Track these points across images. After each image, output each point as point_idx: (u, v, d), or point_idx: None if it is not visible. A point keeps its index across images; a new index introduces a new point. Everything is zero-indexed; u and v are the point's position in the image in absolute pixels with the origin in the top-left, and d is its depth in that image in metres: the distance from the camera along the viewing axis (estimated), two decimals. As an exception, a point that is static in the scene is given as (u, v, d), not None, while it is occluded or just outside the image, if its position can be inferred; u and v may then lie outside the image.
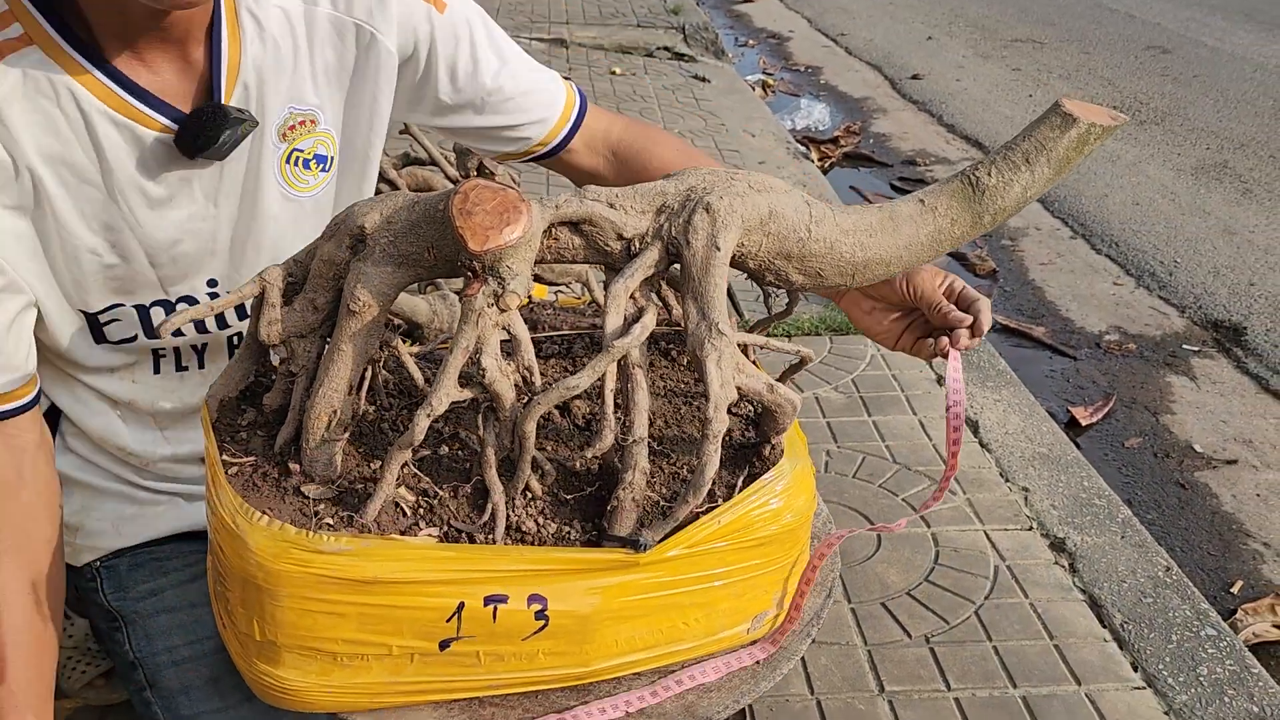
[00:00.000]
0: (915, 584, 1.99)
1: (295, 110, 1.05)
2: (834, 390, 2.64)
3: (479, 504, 0.85)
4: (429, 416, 0.79)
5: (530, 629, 0.81)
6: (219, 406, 0.92)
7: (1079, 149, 0.87)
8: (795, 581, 0.94)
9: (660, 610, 0.85)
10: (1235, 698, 1.77)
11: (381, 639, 0.80)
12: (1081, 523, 2.19)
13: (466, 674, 0.83)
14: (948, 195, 0.89)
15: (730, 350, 0.81)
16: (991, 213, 0.89)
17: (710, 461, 0.79)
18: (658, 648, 0.86)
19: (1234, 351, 3.30)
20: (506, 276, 0.80)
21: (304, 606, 0.78)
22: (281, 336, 0.89)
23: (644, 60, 5.80)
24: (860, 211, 0.89)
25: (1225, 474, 2.70)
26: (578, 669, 0.85)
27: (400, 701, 0.84)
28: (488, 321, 0.80)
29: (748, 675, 0.89)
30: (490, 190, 0.80)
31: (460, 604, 0.79)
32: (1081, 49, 6.80)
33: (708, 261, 0.82)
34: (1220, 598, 2.26)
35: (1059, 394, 3.08)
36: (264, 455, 0.89)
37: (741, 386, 0.83)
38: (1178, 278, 3.75)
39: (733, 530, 0.84)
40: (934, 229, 0.89)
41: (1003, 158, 0.88)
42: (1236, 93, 5.78)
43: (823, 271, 0.89)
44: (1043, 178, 0.88)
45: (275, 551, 0.77)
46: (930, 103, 5.74)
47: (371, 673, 0.81)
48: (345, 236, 0.87)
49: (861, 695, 1.75)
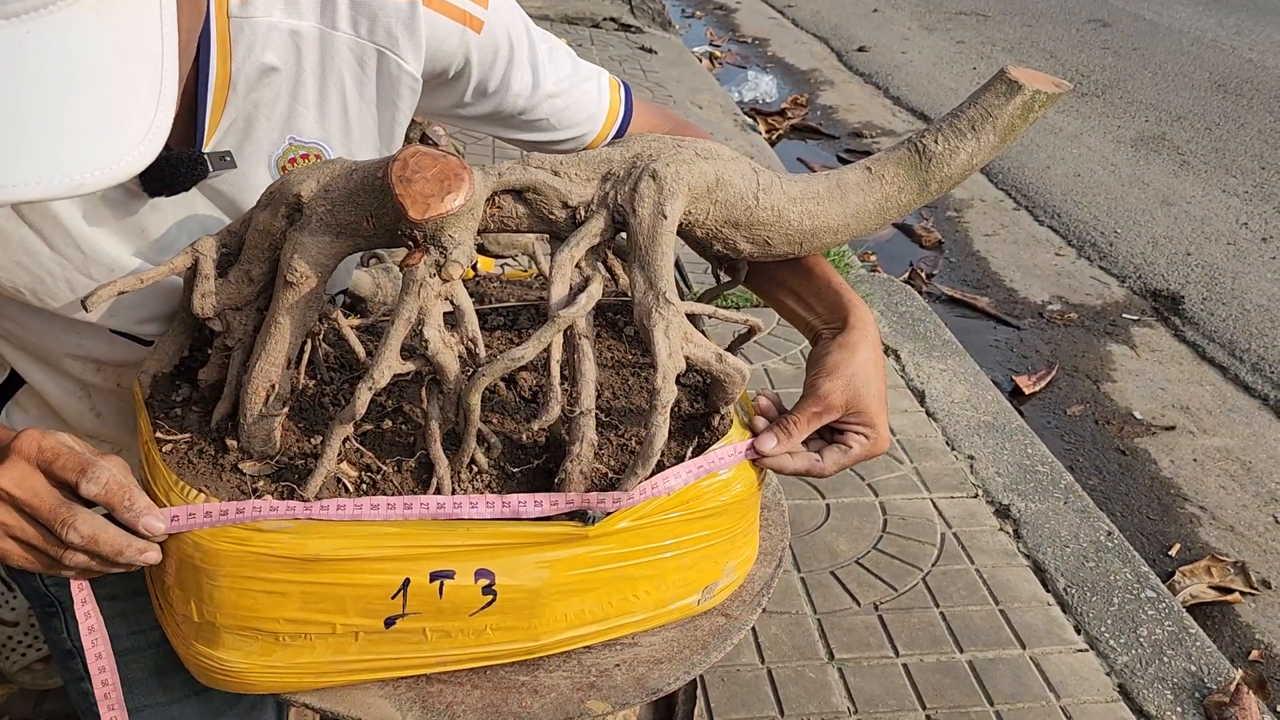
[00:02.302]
0: (864, 552, 2.01)
1: (296, 142, 0.95)
2: (783, 361, 2.65)
3: (424, 479, 0.83)
4: (370, 390, 0.76)
5: (478, 604, 0.80)
6: (151, 382, 0.89)
7: (1024, 116, 0.87)
8: (746, 551, 0.94)
9: (610, 583, 0.84)
10: (1174, 658, 1.81)
11: (325, 617, 0.77)
12: (1025, 489, 2.23)
13: (413, 651, 0.81)
14: (894, 163, 0.88)
15: (678, 320, 0.80)
16: (938, 180, 0.88)
17: (659, 432, 0.77)
18: (607, 620, 0.85)
19: (1172, 320, 3.36)
20: (449, 246, 0.78)
21: (243, 586, 0.76)
22: (216, 309, 0.85)
23: (590, 31, 5.74)
24: (808, 180, 0.88)
25: (1164, 440, 2.76)
26: (526, 643, 0.83)
27: (345, 680, 0.82)
28: (430, 292, 0.77)
29: (698, 646, 0.89)
30: (430, 157, 0.78)
31: (405, 580, 0.77)
32: (1024, 22, 6.86)
33: (654, 230, 0.81)
34: (1159, 561, 2.32)
35: (1003, 363, 3.12)
36: (200, 432, 0.86)
37: (690, 356, 0.81)
38: (1118, 248, 3.81)
39: (682, 501, 0.82)
40: (881, 196, 0.88)
41: (949, 125, 0.88)
42: (1174, 66, 5.87)
43: (771, 240, 0.88)
44: (988, 145, 0.88)
45: (212, 530, 0.74)
46: (876, 75, 5.76)
47: (315, 652, 0.79)
48: (281, 205, 0.84)
49: (812, 663, 1.76)
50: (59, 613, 1.10)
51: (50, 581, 1.11)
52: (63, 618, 1.10)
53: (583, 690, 0.83)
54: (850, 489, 2.19)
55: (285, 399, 0.84)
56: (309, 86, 0.93)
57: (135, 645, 1.06)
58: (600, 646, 0.87)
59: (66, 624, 1.10)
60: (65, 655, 1.09)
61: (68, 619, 1.10)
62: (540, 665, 0.85)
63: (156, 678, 1.05)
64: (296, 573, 0.76)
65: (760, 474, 0.90)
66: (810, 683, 1.72)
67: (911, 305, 3.00)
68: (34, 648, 1.55)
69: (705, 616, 0.91)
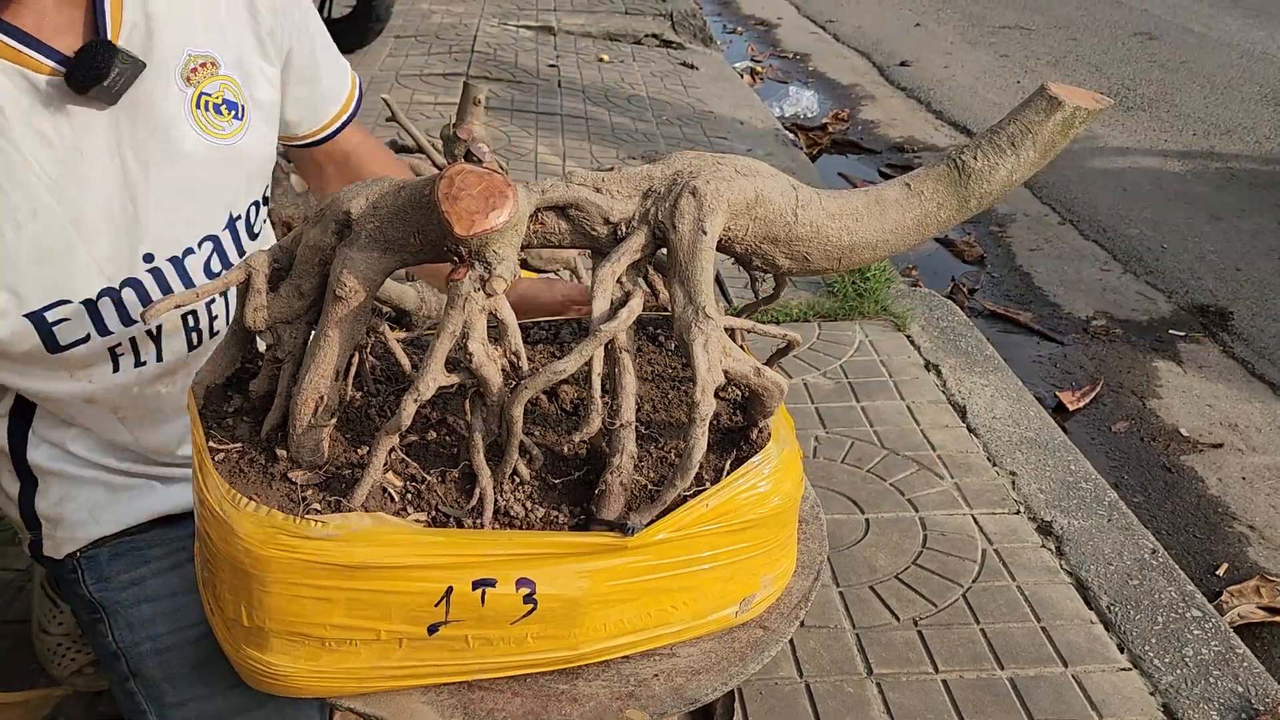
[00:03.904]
0: (903, 567, 2.00)
1: (193, 54, 1.03)
2: (822, 376, 2.65)
3: (466, 489, 0.85)
4: (416, 402, 0.78)
5: (519, 613, 0.81)
6: (205, 393, 0.92)
7: (1064, 132, 0.87)
8: (784, 564, 0.95)
9: (648, 593, 0.85)
10: (1221, 678, 1.79)
11: (369, 624, 0.80)
12: (1068, 506, 2.21)
13: (455, 658, 0.82)
14: (933, 179, 0.88)
15: (717, 334, 0.81)
16: (977, 196, 0.89)
17: (697, 445, 0.79)
18: (646, 630, 0.86)
19: (1220, 336, 3.32)
20: (493, 261, 0.80)
21: (292, 592, 0.78)
22: (268, 323, 0.88)
23: (632, 47, 5.78)
24: (846, 196, 0.89)
25: (1211, 457, 2.72)
26: (566, 652, 0.85)
27: (389, 686, 0.84)
28: (474, 306, 0.79)
29: (735, 657, 0.89)
30: (476, 175, 0.80)
31: (449, 588, 0.79)
32: (1069, 36, 6.80)
33: (694, 245, 0.82)
34: (1206, 580, 2.28)
35: (1046, 379, 3.09)
36: (250, 442, 0.88)
37: (728, 370, 0.83)
38: (1164, 263, 3.77)
39: (720, 514, 0.84)
40: (920, 213, 0.89)
41: (988, 141, 0.88)
42: (1223, 79, 5.79)
43: (809, 255, 0.88)
44: (1028, 161, 0.88)
45: (263, 537, 0.77)
46: (918, 89, 5.74)
47: (360, 657, 0.81)
48: (331, 222, 0.87)
49: (850, 678, 1.76)
50: (103, 618, 1.13)
51: (93, 586, 1.14)
52: (107, 622, 1.13)
53: (621, 699, 0.85)
54: (890, 504, 2.18)
55: (333, 410, 0.86)
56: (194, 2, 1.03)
57: (176, 643, 1.09)
58: (639, 657, 0.88)
59: (111, 628, 1.13)
60: (111, 658, 1.12)
61: (112, 623, 1.13)
62: (579, 674, 0.87)
63: (197, 672, 1.07)
64: (343, 579, 0.78)
65: (797, 487, 0.91)
66: (849, 698, 1.72)
67: (953, 320, 2.99)
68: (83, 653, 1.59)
69: (743, 628, 0.92)
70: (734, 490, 0.84)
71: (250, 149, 1.11)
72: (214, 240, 1.09)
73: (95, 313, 1.01)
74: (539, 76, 5.04)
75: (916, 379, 2.67)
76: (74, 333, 1.01)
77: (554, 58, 5.39)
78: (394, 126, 1.67)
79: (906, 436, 2.42)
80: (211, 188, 1.07)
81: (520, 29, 5.90)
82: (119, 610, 1.12)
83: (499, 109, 4.47)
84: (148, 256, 1.03)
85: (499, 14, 6.22)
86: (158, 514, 1.16)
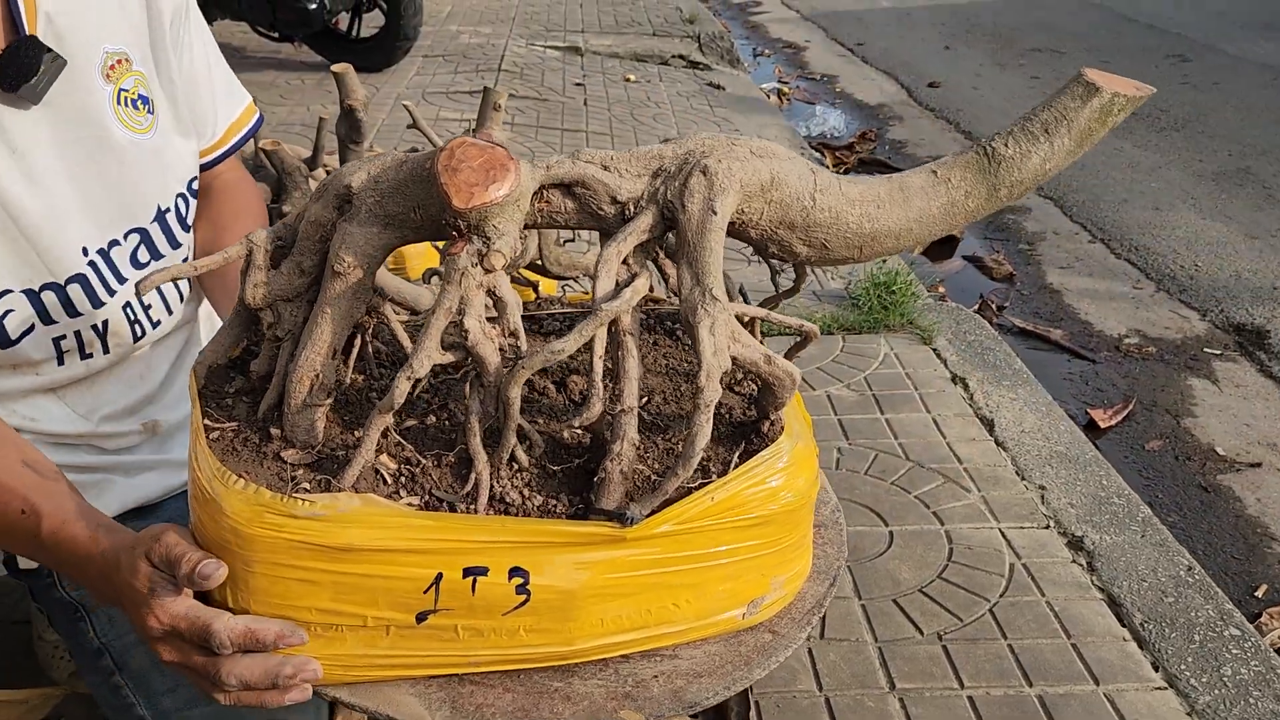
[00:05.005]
0: (928, 581, 1.94)
1: (109, 50, 1.04)
2: (846, 388, 2.60)
3: (463, 474, 0.81)
4: (409, 379, 0.75)
5: (511, 604, 0.77)
6: (206, 373, 0.89)
7: (1102, 120, 0.82)
8: (797, 565, 0.90)
9: (649, 589, 0.80)
10: (1261, 699, 1.71)
11: (356, 609, 0.76)
12: (1100, 521, 2.14)
13: (445, 649, 0.78)
14: (961, 166, 0.84)
15: (725, 318, 0.77)
16: (1008, 185, 0.84)
17: (700, 432, 0.74)
18: (646, 629, 0.82)
19: (1257, 355, 3.23)
20: (492, 236, 0.76)
21: (277, 573, 0.75)
22: (267, 300, 0.85)
23: (658, 68, 5.79)
24: (869, 182, 0.85)
25: (1249, 477, 2.64)
26: (561, 648, 0.80)
27: (376, 675, 0.79)
28: (471, 282, 0.76)
29: (740, 661, 0.84)
30: (478, 148, 0.77)
31: (438, 575, 0.75)
32: (1100, 58, 6.75)
33: (703, 226, 0.79)
34: (1245, 602, 2.20)
35: (1077, 396, 3.02)
36: (247, 421, 0.86)
37: (737, 356, 0.79)
38: (1199, 281, 3.69)
39: (727, 508, 0.79)
40: (947, 201, 0.84)
41: (1021, 128, 0.84)
42: (1258, 100, 5.71)
43: (828, 243, 0.84)
44: (1063, 149, 0.83)
45: (249, 515, 0.74)
46: (947, 110, 5.71)
47: (346, 644, 0.77)
48: (332, 197, 0.84)
49: (871, 692, 1.69)
50: (84, 616, 1.11)
51: (70, 587, 1.12)
52: (88, 620, 1.11)
53: (617, 699, 0.80)
54: (914, 517, 2.12)
55: (329, 389, 0.83)
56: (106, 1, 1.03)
57: None
58: (639, 656, 0.83)
59: (93, 624, 1.10)
60: (94, 655, 1.10)
61: (93, 620, 1.10)
62: (575, 671, 0.82)
63: None
64: (329, 562, 0.75)
65: (812, 485, 0.86)
66: (870, 712, 1.66)
67: (980, 334, 2.93)
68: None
69: (751, 632, 0.87)
70: (743, 484, 0.80)
71: (166, 141, 1.11)
72: (141, 233, 1.10)
73: (39, 304, 1.02)
74: (565, 95, 5.05)
75: (942, 392, 2.61)
76: (21, 323, 1.02)
77: (580, 77, 5.40)
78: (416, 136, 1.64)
79: (932, 449, 2.36)
80: (140, 181, 1.08)
81: (547, 49, 5.93)
82: (99, 607, 1.10)
83: (525, 126, 4.47)
84: (84, 250, 1.05)
85: (527, 35, 6.25)
86: (127, 506, 1.15)
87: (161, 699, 1.05)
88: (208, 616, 0.75)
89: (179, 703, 1.04)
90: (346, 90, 1.77)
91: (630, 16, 7.00)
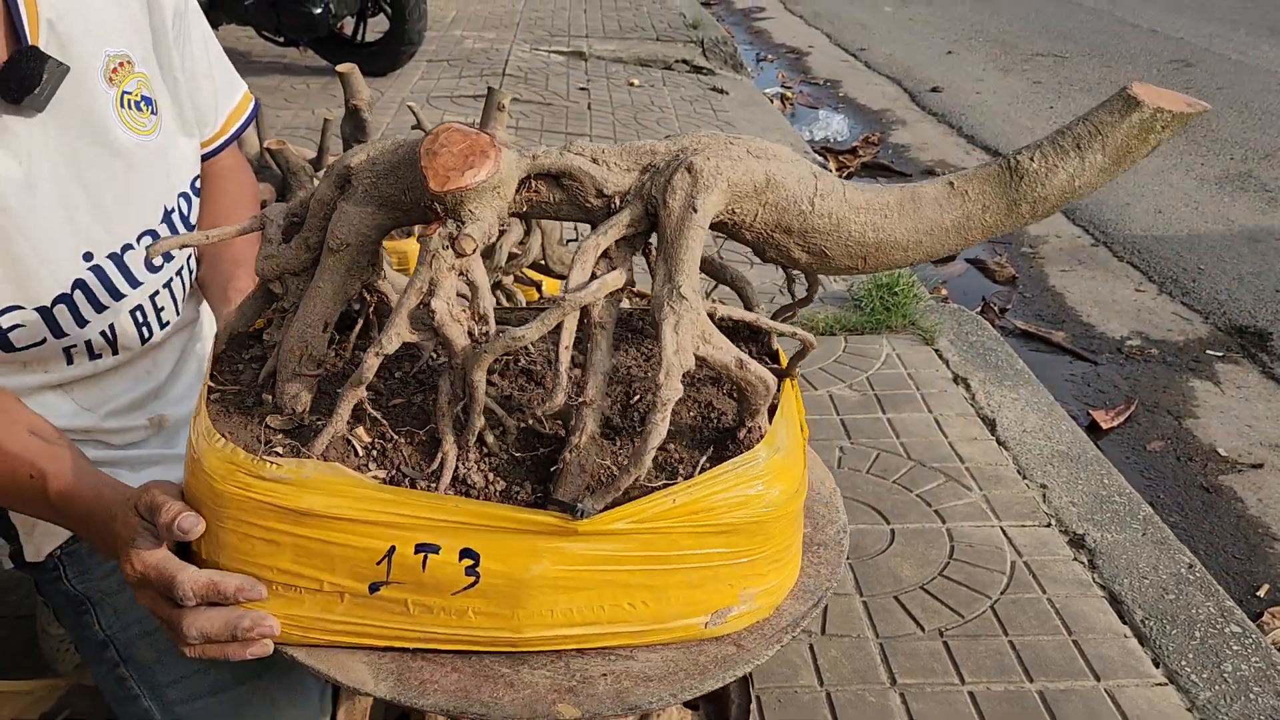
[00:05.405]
0: (929, 578, 1.95)
1: (111, 53, 1.04)
2: (848, 388, 2.61)
3: (431, 453, 0.82)
4: (378, 355, 0.77)
5: (460, 584, 0.77)
6: (227, 339, 0.93)
7: (1141, 137, 0.76)
8: (774, 579, 0.86)
9: (602, 585, 0.79)
10: (1261, 694, 1.71)
11: (314, 573, 0.78)
12: (1101, 519, 2.14)
13: (396, 621, 0.80)
14: (980, 179, 0.79)
15: (691, 315, 0.76)
16: (1029, 201, 0.78)
17: (655, 430, 0.73)
18: (599, 625, 0.81)
19: (1259, 357, 3.24)
20: (467, 220, 0.77)
21: (244, 530, 0.78)
22: (276, 272, 0.87)
23: (662, 73, 5.81)
24: (879, 190, 0.82)
25: (1251, 478, 2.64)
26: (509, 634, 0.80)
27: (331, 640, 0.81)
28: (442, 264, 0.77)
29: (696, 671, 0.82)
30: (462, 133, 0.78)
31: (391, 548, 0.77)
32: (1103, 63, 6.76)
33: (682, 222, 0.77)
34: (1247, 601, 2.20)
35: (1079, 397, 3.03)
36: (249, 386, 0.88)
37: (706, 357, 0.77)
38: (1201, 284, 3.69)
39: (689, 512, 0.78)
40: (961, 214, 0.79)
41: (1051, 141, 0.79)
42: (1261, 105, 5.72)
43: (828, 250, 0.81)
44: (1094, 166, 0.77)
45: (224, 473, 0.77)
46: (950, 114, 5.72)
47: (304, 606, 0.80)
48: (335, 176, 0.86)
49: (873, 687, 1.70)
50: (89, 608, 1.12)
51: (76, 580, 1.13)
52: (94, 612, 1.12)
53: (559, 692, 0.79)
54: (916, 515, 2.13)
55: (318, 360, 0.85)
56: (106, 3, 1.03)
57: None
58: (595, 653, 0.82)
59: (98, 617, 1.11)
60: (99, 647, 1.11)
61: (98, 612, 1.11)
62: (527, 660, 0.82)
63: None
64: (291, 524, 0.77)
65: (792, 499, 0.84)
66: (871, 707, 1.66)
67: (982, 335, 2.94)
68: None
69: (715, 642, 0.84)
70: (709, 489, 0.78)
71: (169, 141, 1.12)
72: (152, 235, 1.11)
73: (51, 319, 1.03)
74: (569, 99, 5.06)
75: (944, 392, 2.61)
76: (30, 336, 1.03)
77: (584, 81, 5.42)
78: (412, 118, 1.66)
79: (934, 448, 2.37)
80: (146, 183, 1.09)
81: (551, 54, 5.95)
82: (104, 599, 1.11)
83: (529, 130, 4.49)
84: (87, 255, 1.05)
85: (531, 40, 6.28)
86: None
87: (166, 690, 1.06)
88: (174, 569, 0.78)
89: (183, 694, 1.05)
90: (351, 90, 1.78)
91: (634, 22, 7.02)
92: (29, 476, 0.93)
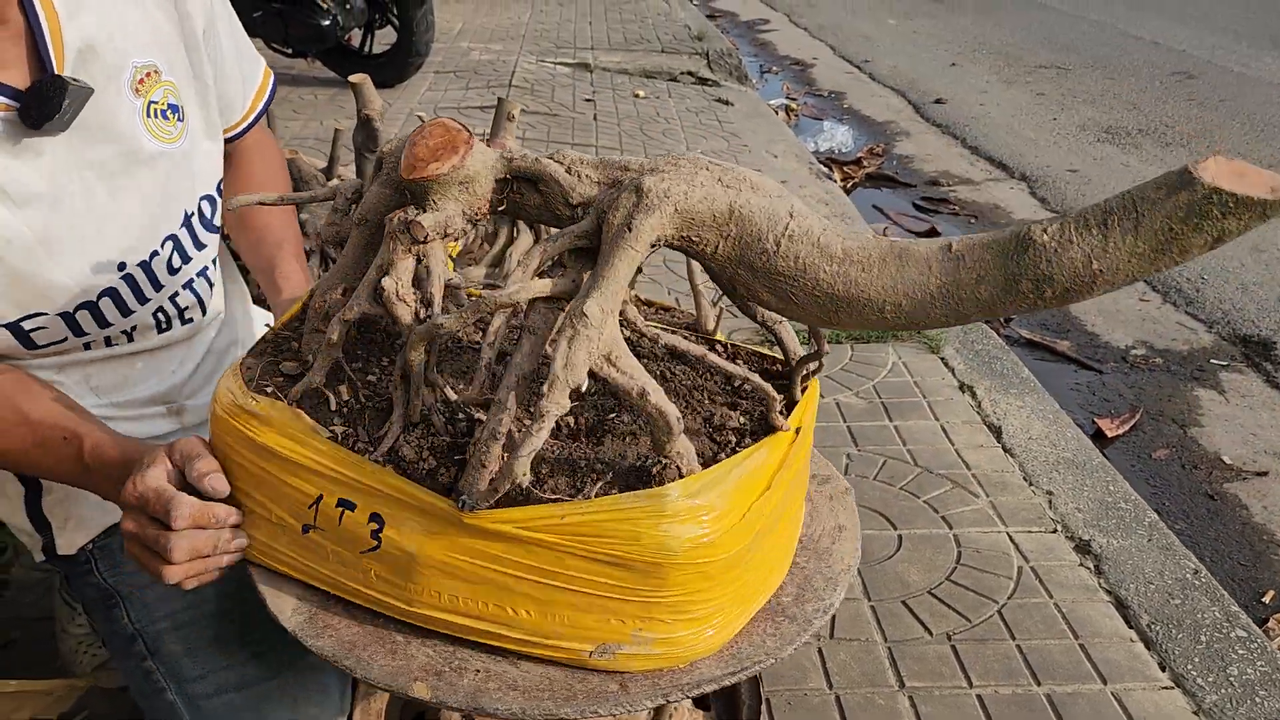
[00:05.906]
0: (937, 583, 1.96)
1: (138, 65, 1.06)
2: (855, 396, 2.62)
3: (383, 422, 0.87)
4: (341, 322, 0.85)
5: (366, 545, 0.83)
6: (311, 294, 0.97)
7: (1192, 223, 0.62)
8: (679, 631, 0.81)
9: (487, 583, 0.80)
10: (1267, 699, 1.72)
11: (265, 501, 0.88)
12: (1107, 525, 2.16)
13: (319, 565, 0.87)
14: (983, 245, 0.69)
15: (589, 334, 0.73)
16: (1031, 278, 0.66)
17: (528, 439, 0.72)
18: (484, 620, 0.82)
19: (1264, 366, 3.25)
20: (428, 209, 0.82)
21: (228, 453, 0.88)
22: (333, 239, 0.98)
23: (668, 84, 5.84)
24: (869, 241, 0.73)
25: (1256, 485, 2.66)
26: (401, 605, 0.84)
27: (274, 566, 0.90)
28: (398, 245, 0.83)
29: (563, 697, 0.80)
30: (444, 128, 0.82)
31: (319, 496, 0.84)
32: (1106, 75, 6.79)
33: (616, 239, 0.75)
34: (1252, 607, 2.21)
35: (1084, 406, 3.04)
36: (297, 334, 0.98)
37: (609, 379, 0.74)
38: (1205, 294, 3.71)
39: (576, 534, 0.77)
40: (950, 281, 0.69)
41: (1078, 213, 0.67)
42: (1264, 117, 5.75)
43: (794, 297, 0.74)
44: (1122, 249, 0.64)
45: (225, 401, 0.88)
46: (954, 126, 5.75)
47: (258, 529, 0.89)
48: (378, 159, 0.92)
49: (881, 691, 1.71)
50: (119, 602, 1.14)
51: (107, 573, 1.15)
52: (123, 606, 1.13)
53: (426, 671, 0.82)
54: (923, 521, 2.15)
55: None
56: (130, 12, 1.05)
57: (193, 618, 1.10)
58: (486, 649, 0.84)
59: (127, 610, 1.13)
60: (127, 641, 1.12)
61: (128, 606, 1.13)
62: (426, 635, 0.85)
63: (217, 645, 1.07)
64: (255, 455, 0.86)
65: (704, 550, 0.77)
66: (880, 710, 1.68)
67: (987, 343, 2.96)
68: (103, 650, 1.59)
69: (600, 675, 0.82)
70: (601, 515, 0.76)
71: (195, 146, 1.15)
72: (173, 239, 1.13)
73: (73, 322, 1.05)
74: (575, 110, 5.10)
75: (950, 400, 2.63)
76: (52, 337, 1.05)
77: (590, 93, 5.46)
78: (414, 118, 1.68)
79: (940, 455, 2.39)
80: (170, 190, 1.11)
81: (558, 66, 5.99)
82: (134, 593, 1.13)
83: (536, 141, 4.52)
84: (120, 265, 1.07)
85: (537, 51, 6.32)
86: None
87: (192, 684, 1.07)
88: (173, 493, 0.85)
89: (209, 688, 1.07)
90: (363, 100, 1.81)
91: (639, 34, 7.07)
92: (62, 439, 0.97)
